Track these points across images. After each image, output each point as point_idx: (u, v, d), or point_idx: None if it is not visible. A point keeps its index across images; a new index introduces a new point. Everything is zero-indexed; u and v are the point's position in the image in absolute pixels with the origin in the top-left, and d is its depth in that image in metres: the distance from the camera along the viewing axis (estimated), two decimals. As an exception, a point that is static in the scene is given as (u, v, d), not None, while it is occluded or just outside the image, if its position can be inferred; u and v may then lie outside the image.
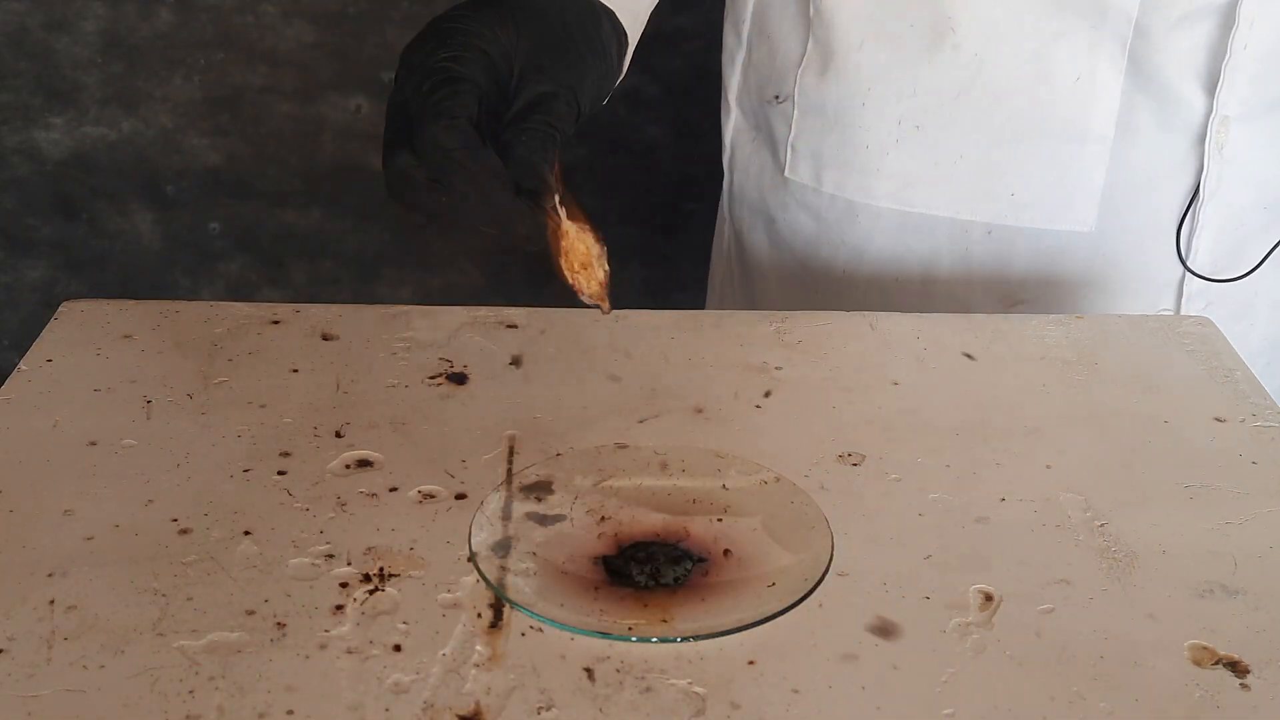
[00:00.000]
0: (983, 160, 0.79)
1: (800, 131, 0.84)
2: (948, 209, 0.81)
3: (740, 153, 0.91)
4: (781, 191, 0.87)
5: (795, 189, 0.86)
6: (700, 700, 0.44)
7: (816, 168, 0.84)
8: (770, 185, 0.88)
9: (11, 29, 1.32)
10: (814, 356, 0.66)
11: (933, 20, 0.77)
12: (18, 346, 1.48)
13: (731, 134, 0.91)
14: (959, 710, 0.44)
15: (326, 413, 0.60)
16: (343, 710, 0.43)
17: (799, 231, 0.87)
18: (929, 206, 0.81)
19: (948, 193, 0.81)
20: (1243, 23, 0.73)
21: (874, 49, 0.79)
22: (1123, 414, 0.62)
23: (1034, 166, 0.79)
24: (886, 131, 0.80)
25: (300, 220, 1.43)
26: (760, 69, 0.87)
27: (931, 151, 0.80)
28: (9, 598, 0.48)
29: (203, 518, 0.52)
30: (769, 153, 0.87)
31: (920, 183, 0.81)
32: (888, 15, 0.78)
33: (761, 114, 0.87)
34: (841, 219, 0.84)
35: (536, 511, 0.54)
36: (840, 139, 0.82)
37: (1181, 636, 0.48)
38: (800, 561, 0.51)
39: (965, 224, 0.81)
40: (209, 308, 0.68)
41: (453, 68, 0.52)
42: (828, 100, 0.82)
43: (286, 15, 1.32)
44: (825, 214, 0.85)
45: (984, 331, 0.69)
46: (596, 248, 0.53)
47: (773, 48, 0.85)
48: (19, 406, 0.59)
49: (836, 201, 0.84)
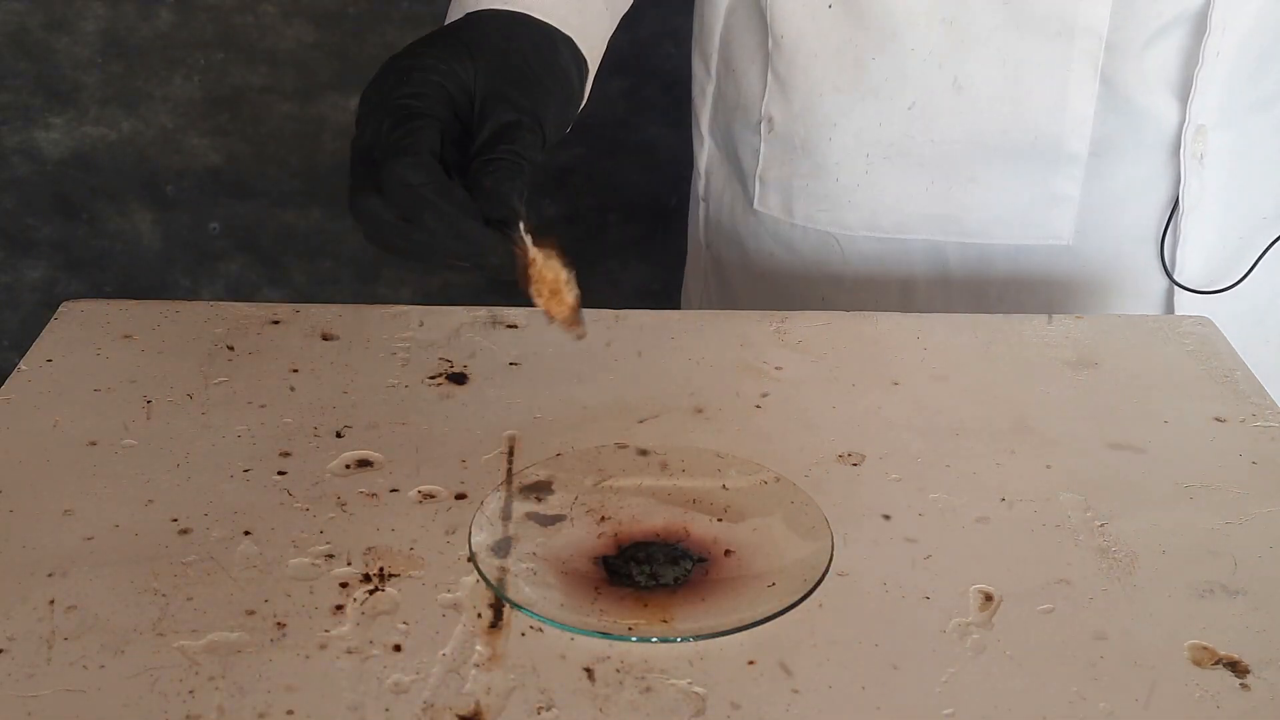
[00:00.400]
0: (956, 184, 0.79)
1: (768, 165, 0.83)
2: (923, 232, 0.81)
3: (714, 182, 0.90)
4: (753, 223, 0.86)
5: (767, 221, 0.85)
6: (700, 700, 0.44)
7: (786, 200, 0.83)
8: (742, 216, 0.87)
9: (11, 29, 1.32)
10: (814, 356, 0.66)
11: (892, 50, 0.76)
12: (18, 346, 1.48)
13: (705, 163, 0.90)
14: (959, 710, 0.44)
15: (326, 413, 0.60)
16: (343, 710, 0.43)
17: (773, 261, 0.86)
18: (903, 231, 0.81)
19: (922, 216, 0.80)
20: (1215, 29, 0.73)
21: (834, 81, 0.78)
22: (1123, 414, 0.62)
23: (1008, 185, 0.78)
24: (856, 164, 0.80)
25: (300, 220, 1.43)
26: (728, 101, 0.86)
27: (903, 179, 0.79)
28: (9, 598, 0.48)
29: (203, 518, 0.52)
30: (739, 184, 0.87)
31: (894, 210, 0.80)
32: (844, 48, 0.77)
33: (730, 146, 0.87)
34: (816, 249, 0.84)
35: (536, 511, 0.54)
36: (810, 172, 0.82)
37: (1181, 636, 0.48)
38: (800, 561, 0.51)
39: (940, 245, 0.81)
40: (209, 308, 0.68)
41: (412, 104, 0.52)
42: (794, 134, 0.81)
43: (286, 15, 1.32)
44: (798, 245, 0.84)
45: (984, 331, 0.69)
46: (564, 273, 0.53)
47: (737, 80, 0.84)
48: (19, 406, 0.59)
49: (809, 233, 0.83)
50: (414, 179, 0.49)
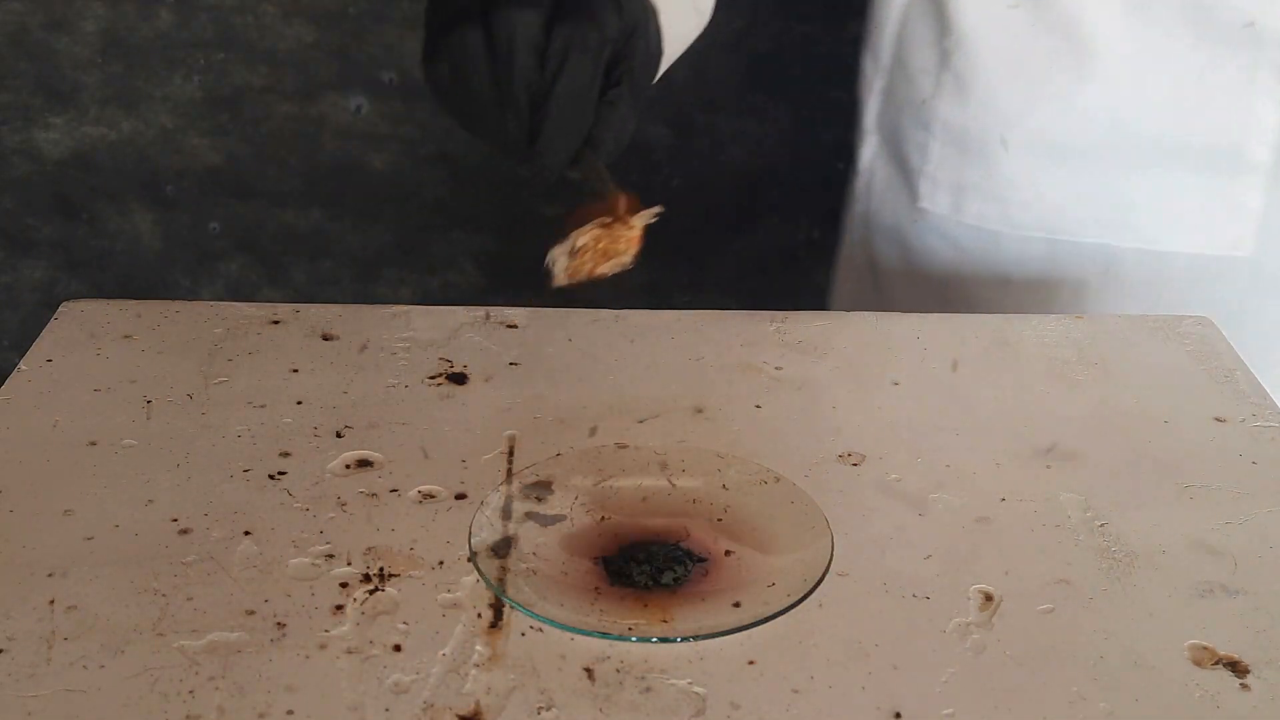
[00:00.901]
0: (1132, 188, 0.78)
1: (939, 163, 0.83)
2: (1097, 234, 0.80)
3: (876, 179, 0.89)
4: (918, 220, 0.85)
5: (933, 219, 0.84)
6: (700, 700, 0.44)
7: (957, 198, 0.83)
8: (906, 213, 0.86)
9: (11, 29, 1.32)
10: (814, 356, 0.66)
11: (1075, 53, 0.75)
12: (18, 346, 1.48)
13: (868, 160, 0.90)
14: (959, 710, 0.44)
15: (326, 413, 0.60)
16: (343, 710, 0.43)
17: (937, 259, 0.85)
18: (1077, 233, 0.80)
19: (1096, 219, 0.79)
20: None
21: (1015, 81, 0.78)
22: (1123, 414, 0.62)
23: (1187, 191, 0.78)
24: (1031, 163, 0.79)
25: (300, 220, 1.43)
26: (897, 98, 0.86)
27: (1077, 181, 0.79)
28: (9, 598, 0.48)
29: (203, 518, 0.52)
30: (904, 181, 0.86)
31: (1066, 211, 0.80)
32: (1030, 48, 0.77)
33: (897, 142, 0.86)
34: (986, 248, 0.83)
35: (536, 511, 0.54)
36: (983, 171, 0.81)
37: (1181, 636, 0.48)
38: (800, 561, 0.51)
39: (1114, 249, 0.80)
40: (209, 308, 0.68)
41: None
42: (968, 132, 0.81)
43: (286, 15, 1.32)
44: (966, 243, 0.83)
45: (984, 331, 0.69)
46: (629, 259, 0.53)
47: (910, 77, 0.84)
48: (19, 406, 0.59)
49: (979, 233, 0.82)
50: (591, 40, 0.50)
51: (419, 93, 1.36)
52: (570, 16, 0.50)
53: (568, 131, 0.51)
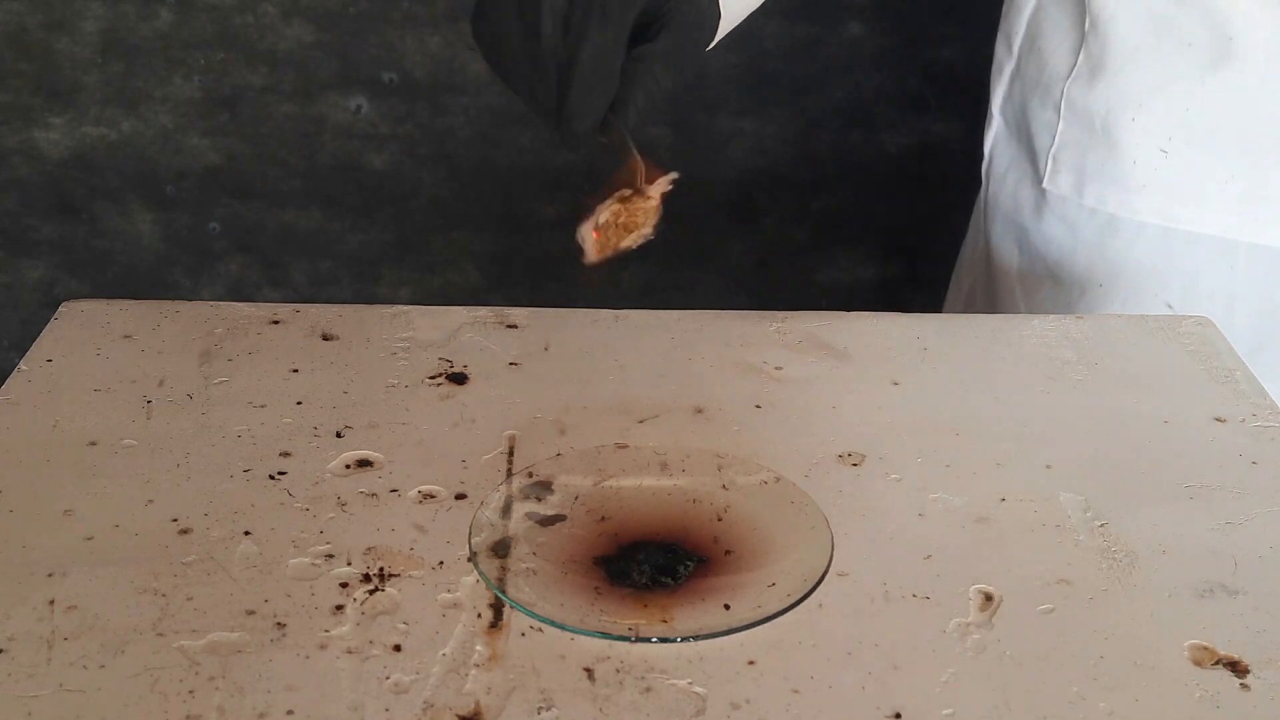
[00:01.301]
0: (1255, 180, 0.78)
1: (1064, 143, 0.83)
2: (1215, 227, 0.79)
3: (998, 162, 0.89)
4: (1038, 202, 0.85)
5: (1053, 200, 0.84)
6: (700, 700, 0.44)
7: (1078, 180, 0.83)
8: (1027, 196, 0.86)
9: (11, 29, 1.32)
10: (814, 356, 0.66)
11: (1212, 38, 0.75)
12: (18, 346, 1.48)
13: (992, 143, 0.90)
14: (959, 710, 0.44)
15: (326, 413, 0.60)
16: (343, 710, 0.43)
17: (1053, 242, 0.85)
18: (1195, 224, 0.80)
19: (1215, 211, 0.79)
20: None
21: (1148, 63, 0.78)
22: (1123, 414, 0.62)
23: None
24: (1156, 147, 0.79)
25: (300, 220, 1.43)
26: (1028, 80, 0.86)
27: (1201, 169, 0.78)
28: (9, 598, 0.48)
29: (203, 518, 0.52)
30: (1028, 163, 0.86)
31: (1187, 199, 0.79)
32: (1166, 30, 0.76)
33: (1024, 124, 0.86)
34: (1101, 232, 0.83)
35: (536, 511, 0.54)
36: (1106, 153, 0.81)
37: (1181, 636, 0.48)
38: (800, 561, 0.51)
39: (1232, 244, 0.80)
40: (209, 308, 0.68)
41: None
42: (1095, 113, 0.81)
43: (286, 15, 1.32)
44: (1083, 227, 0.83)
45: (984, 331, 0.69)
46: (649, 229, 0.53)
47: (1042, 60, 0.84)
48: (19, 406, 0.59)
49: (1097, 215, 0.82)
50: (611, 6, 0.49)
51: (419, 93, 1.36)
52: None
53: (591, 98, 0.51)
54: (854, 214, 1.44)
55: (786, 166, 1.42)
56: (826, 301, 1.46)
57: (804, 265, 1.47)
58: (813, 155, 1.41)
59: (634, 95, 0.53)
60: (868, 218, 1.44)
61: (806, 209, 1.44)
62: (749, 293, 1.48)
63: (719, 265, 1.46)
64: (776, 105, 1.38)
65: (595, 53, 0.50)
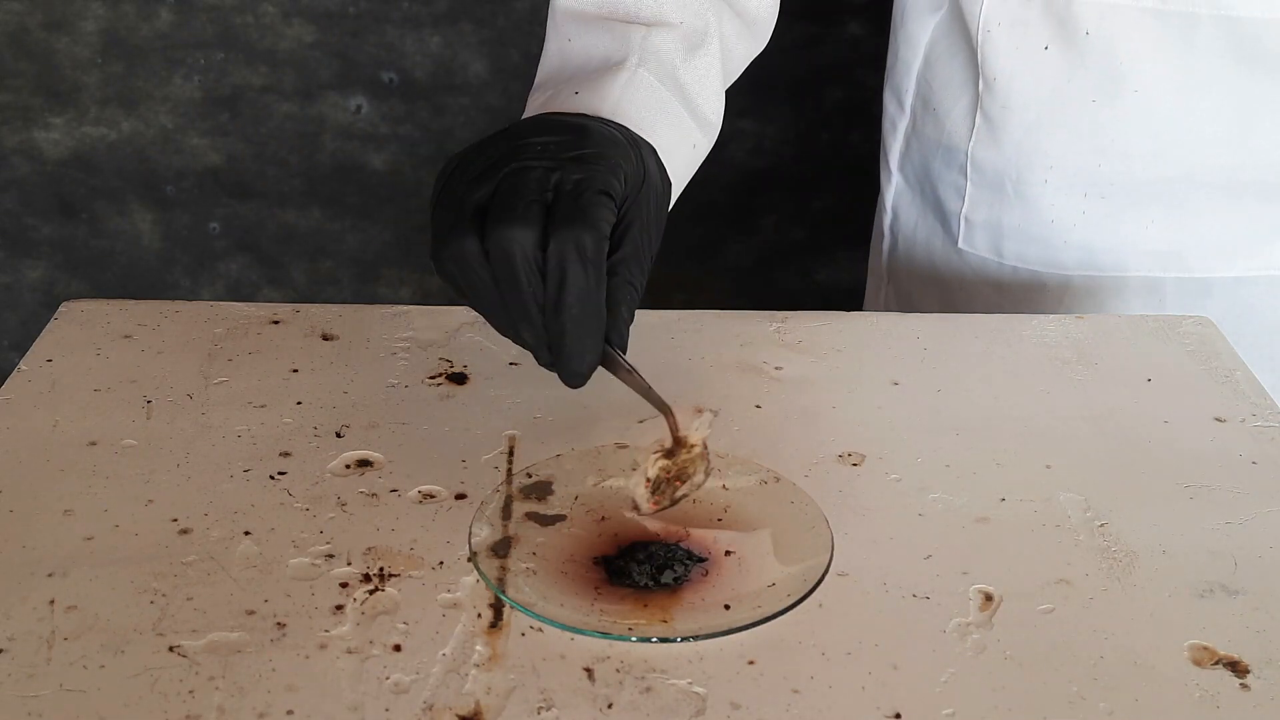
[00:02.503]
0: (1176, 220, 0.78)
1: (975, 204, 0.82)
2: (1140, 269, 0.80)
3: (904, 220, 0.88)
4: (956, 261, 0.85)
5: (972, 259, 0.83)
6: (700, 700, 0.44)
7: (995, 240, 0.82)
8: (942, 254, 0.85)
9: (11, 29, 1.32)
10: (814, 356, 0.66)
11: (1113, 91, 0.75)
12: (18, 346, 1.48)
13: (893, 200, 0.89)
14: (959, 710, 0.44)
15: (326, 413, 0.60)
16: (343, 710, 0.43)
17: (978, 299, 0.84)
18: (1120, 269, 0.80)
19: (1140, 254, 0.79)
20: None
21: (1052, 122, 0.77)
22: (1123, 414, 0.62)
23: (1231, 220, 0.77)
24: (1072, 204, 0.79)
25: (300, 220, 1.43)
26: (926, 140, 0.85)
27: (1122, 218, 0.78)
28: (9, 598, 0.48)
29: (203, 518, 0.52)
30: (937, 223, 0.85)
31: (1111, 249, 0.79)
32: (1064, 88, 0.76)
33: (928, 183, 0.85)
34: (1026, 287, 0.82)
35: (536, 511, 0.54)
36: (1022, 214, 0.80)
37: (1181, 636, 0.48)
38: (800, 561, 0.51)
39: (1159, 280, 0.80)
40: (209, 308, 0.68)
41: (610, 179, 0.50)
42: (1005, 175, 0.80)
43: (286, 15, 1.32)
44: (1007, 284, 0.83)
45: (984, 331, 0.69)
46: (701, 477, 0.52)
47: (939, 120, 0.83)
48: (19, 406, 0.59)
49: (1020, 272, 0.82)
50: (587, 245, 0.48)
51: (419, 93, 1.36)
52: (563, 226, 0.49)
53: (586, 339, 0.50)
54: (854, 214, 1.44)
55: (786, 166, 1.42)
56: (826, 301, 1.46)
57: (804, 265, 1.47)
58: (813, 155, 1.41)
59: (620, 316, 0.51)
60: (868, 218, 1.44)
61: (806, 209, 1.45)
62: (749, 293, 1.48)
63: (719, 265, 1.46)
64: (776, 105, 1.38)
65: (582, 295, 0.49)
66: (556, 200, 0.50)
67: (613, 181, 0.51)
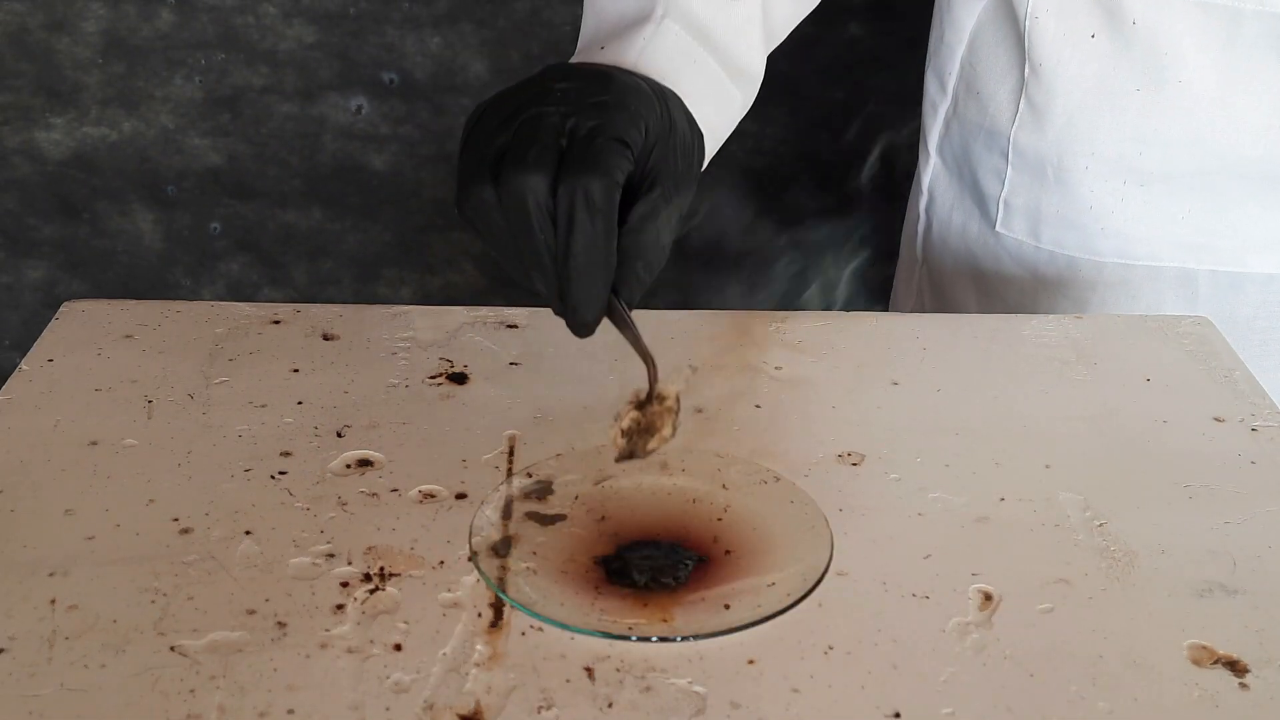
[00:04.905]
0: (1212, 212, 0.78)
1: (1015, 189, 0.83)
2: (1174, 259, 0.80)
3: (940, 202, 0.89)
4: (992, 244, 0.85)
5: (1008, 243, 0.84)
6: (700, 700, 0.44)
7: (1033, 225, 0.82)
8: (978, 238, 0.86)
9: (11, 29, 1.32)
10: (814, 356, 0.66)
11: (1158, 81, 0.75)
12: (18, 346, 1.48)
13: (930, 182, 0.89)
14: (959, 710, 0.44)
15: (326, 413, 0.60)
16: (343, 710, 0.43)
17: (1013, 283, 0.85)
18: (1154, 259, 0.80)
19: (1173, 245, 0.80)
20: None
21: (1096, 109, 0.77)
22: (1123, 414, 0.62)
23: (1266, 214, 0.78)
24: (1111, 191, 0.79)
25: (300, 220, 1.43)
26: (967, 123, 0.85)
27: (1158, 207, 0.79)
28: (10, 597, 0.48)
29: (203, 517, 0.52)
30: (975, 206, 0.86)
31: (1145, 238, 0.80)
32: (1109, 77, 0.76)
33: (966, 166, 0.86)
34: (1061, 273, 0.83)
35: (536, 511, 0.54)
36: (1061, 199, 0.81)
37: (1181, 636, 0.48)
38: (800, 561, 0.51)
39: (1192, 272, 0.80)
40: (209, 308, 0.68)
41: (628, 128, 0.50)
42: (1046, 160, 0.80)
43: (287, 15, 1.32)
44: (1043, 268, 0.83)
45: (983, 331, 0.69)
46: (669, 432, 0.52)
47: (982, 104, 0.83)
48: (20, 406, 0.60)
49: (1056, 257, 0.82)
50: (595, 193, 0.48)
51: (419, 93, 1.36)
52: (571, 173, 0.48)
53: (592, 288, 0.50)
54: (854, 214, 1.44)
55: (787, 166, 1.42)
56: (826, 302, 1.46)
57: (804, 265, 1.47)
58: (813, 155, 1.41)
59: (634, 270, 0.51)
60: (868, 218, 1.44)
61: (807, 209, 1.45)
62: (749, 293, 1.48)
63: (720, 265, 1.46)
64: (776, 105, 1.38)
65: (588, 244, 0.48)
66: (570, 146, 0.49)
67: (631, 130, 0.50)
